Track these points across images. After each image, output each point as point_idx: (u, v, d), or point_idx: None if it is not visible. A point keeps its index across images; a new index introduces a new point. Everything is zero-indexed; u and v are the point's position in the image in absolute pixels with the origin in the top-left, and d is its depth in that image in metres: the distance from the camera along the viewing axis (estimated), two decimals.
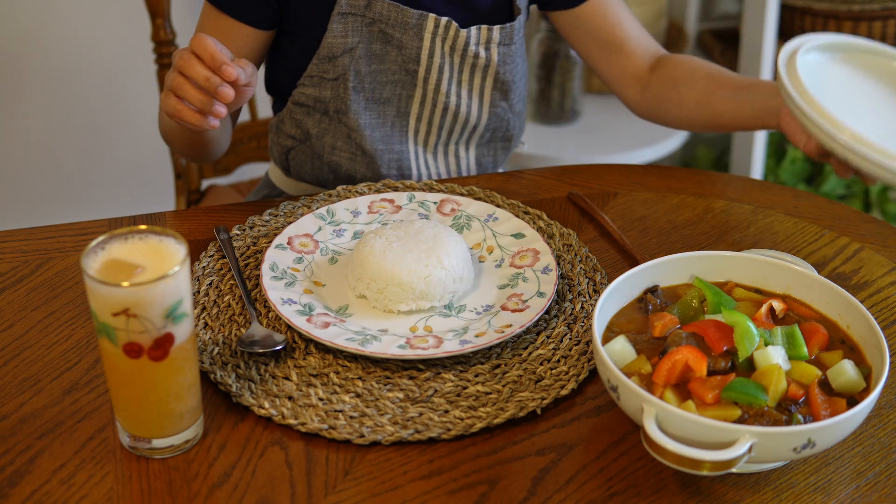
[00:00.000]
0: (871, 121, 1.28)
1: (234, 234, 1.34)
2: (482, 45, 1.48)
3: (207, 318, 1.21)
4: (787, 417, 1.00)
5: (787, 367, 1.05)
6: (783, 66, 1.30)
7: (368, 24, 1.44)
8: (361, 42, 1.44)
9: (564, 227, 1.38)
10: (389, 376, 1.14)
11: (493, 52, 1.49)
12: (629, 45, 1.56)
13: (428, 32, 1.44)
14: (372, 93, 1.48)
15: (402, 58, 1.46)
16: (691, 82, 1.51)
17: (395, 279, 1.21)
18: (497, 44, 1.49)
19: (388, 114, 1.51)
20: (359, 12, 1.43)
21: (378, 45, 1.45)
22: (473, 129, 1.56)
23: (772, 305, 1.13)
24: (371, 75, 1.47)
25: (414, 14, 1.43)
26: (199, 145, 1.42)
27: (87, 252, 0.98)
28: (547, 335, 1.20)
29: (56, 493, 1.00)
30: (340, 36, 1.43)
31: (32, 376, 1.13)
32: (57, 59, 2.38)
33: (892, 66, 1.38)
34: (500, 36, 1.49)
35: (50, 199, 2.53)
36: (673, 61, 1.55)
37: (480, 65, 1.50)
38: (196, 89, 1.20)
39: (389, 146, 1.52)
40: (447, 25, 1.45)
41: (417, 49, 1.46)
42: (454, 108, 1.52)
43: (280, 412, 1.09)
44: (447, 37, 1.45)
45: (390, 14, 1.43)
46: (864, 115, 1.30)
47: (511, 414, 1.09)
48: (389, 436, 1.07)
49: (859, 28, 2.55)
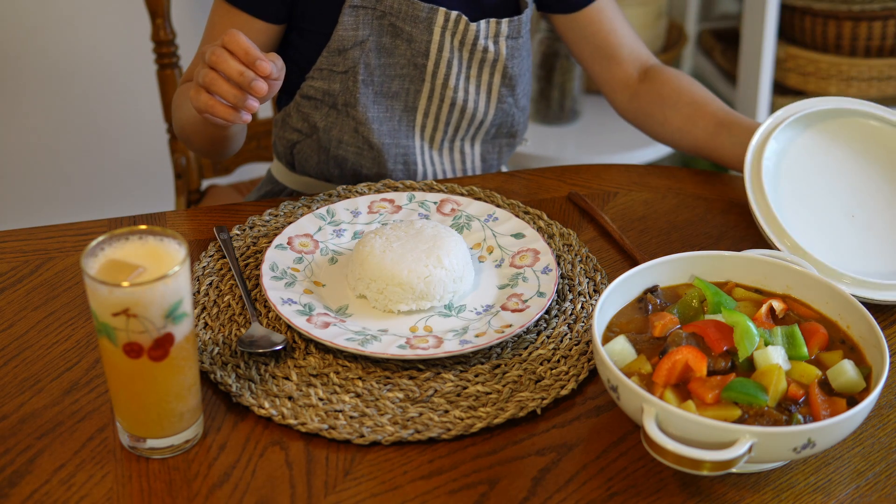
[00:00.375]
0: (824, 215, 1.32)
1: (233, 234, 1.34)
2: (491, 38, 1.49)
3: (207, 318, 1.21)
4: (787, 417, 1.00)
5: (787, 367, 1.05)
6: (750, 155, 1.34)
7: (379, 17, 1.44)
8: (372, 35, 1.45)
9: (564, 227, 1.38)
10: (389, 376, 1.14)
11: (502, 46, 1.50)
12: (621, 52, 1.58)
13: (438, 26, 1.45)
14: (381, 86, 1.49)
15: (412, 51, 1.47)
16: (676, 105, 1.53)
17: (395, 279, 1.21)
18: (505, 37, 1.50)
19: (396, 108, 1.52)
20: (370, 5, 1.43)
21: (388, 38, 1.46)
22: (480, 125, 1.57)
23: (772, 305, 1.13)
24: (380, 69, 1.48)
25: (424, 8, 1.44)
26: (222, 141, 1.43)
27: (87, 252, 0.98)
28: (547, 335, 1.20)
29: (56, 493, 1.00)
30: (351, 29, 1.44)
31: (32, 376, 1.13)
32: (57, 59, 2.38)
33: (870, 125, 1.40)
34: (509, 29, 1.50)
35: (50, 199, 2.53)
36: (662, 77, 1.56)
37: (489, 59, 1.51)
38: (229, 84, 1.21)
39: (396, 140, 1.53)
40: (457, 20, 1.45)
41: (427, 43, 1.46)
42: (461, 103, 1.53)
43: (280, 412, 1.09)
44: (457, 31, 1.46)
45: (401, 7, 1.44)
46: (822, 205, 1.33)
47: (511, 414, 1.09)
48: (389, 436, 1.07)
49: (859, 28, 2.55)
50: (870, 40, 2.57)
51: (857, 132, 1.39)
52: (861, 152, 1.37)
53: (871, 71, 2.58)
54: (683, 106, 1.52)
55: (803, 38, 2.62)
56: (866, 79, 2.59)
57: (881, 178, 1.35)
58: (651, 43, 2.74)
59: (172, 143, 2.03)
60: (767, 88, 2.60)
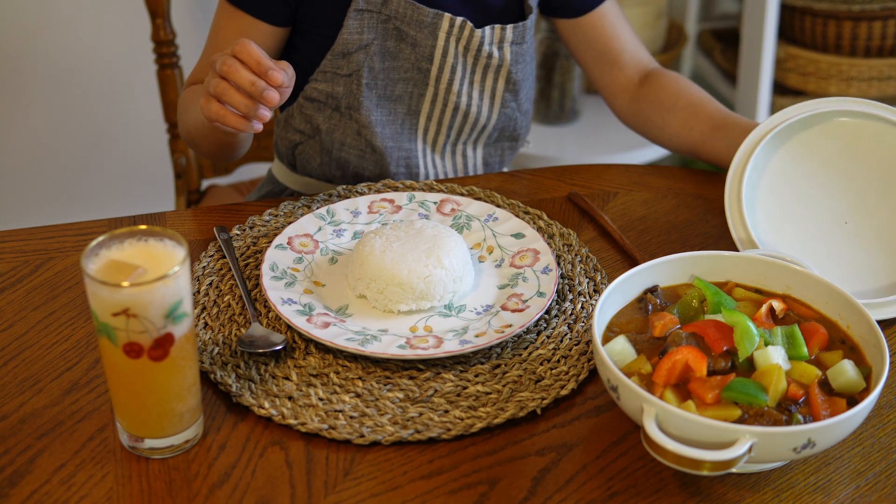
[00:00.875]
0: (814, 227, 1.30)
1: (233, 234, 1.34)
2: (495, 44, 1.49)
3: (207, 318, 1.21)
4: (787, 417, 1.00)
5: (787, 367, 1.05)
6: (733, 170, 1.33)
7: (384, 21, 1.44)
8: (376, 39, 1.45)
9: (564, 227, 1.38)
10: (389, 376, 1.14)
11: (506, 52, 1.50)
12: (622, 57, 1.59)
13: (442, 31, 1.45)
14: (384, 90, 1.49)
15: (416, 56, 1.47)
16: (674, 109, 1.53)
17: (395, 279, 1.21)
18: (510, 43, 1.50)
19: (399, 111, 1.51)
20: (375, 9, 1.43)
21: (392, 42, 1.46)
22: (482, 129, 1.57)
23: (772, 305, 1.13)
24: (384, 72, 1.48)
25: (429, 13, 1.44)
26: (230, 146, 1.44)
27: (87, 252, 0.98)
28: (547, 335, 1.20)
29: (56, 493, 1.00)
30: (356, 32, 1.44)
31: (32, 376, 1.13)
32: (57, 59, 2.38)
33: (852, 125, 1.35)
34: (513, 35, 1.50)
35: (50, 199, 2.53)
36: (661, 80, 1.56)
37: (493, 65, 1.51)
38: (241, 94, 1.21)
39: (399, 143, 1.53)
40: (462, 25, 1.45)
41: (431, 48, 1.46)
42: (465, 108, 1.53)
43: (280, 412, 1.09)
44: (461, 36, 1.46)
45: (406, 11, 1.44)
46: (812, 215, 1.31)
47: (511, 414, 1.09)
48: (389, 436, 1.07)
49: (859, 28, 2.55)
50: (870, 40, 2.57)
51: (841, 133, 1.33)
52: (847, 153, 1.33)
53: (871, 71, 2.58)
54: (681, 110, 1.52)
55: (803, 38, 2.63)
56: (866, 79, 2.59)
57: (872, 178, 1.32)
58: (651, 43, 2.74)
59: (172, 143, 2.03)
60: (767, 88, 2.60)
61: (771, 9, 2.53)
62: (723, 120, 1.48)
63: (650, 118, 1.56)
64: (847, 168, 1.32)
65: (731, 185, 1.32)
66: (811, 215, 1.30)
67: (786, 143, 1.34)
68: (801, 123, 1.34)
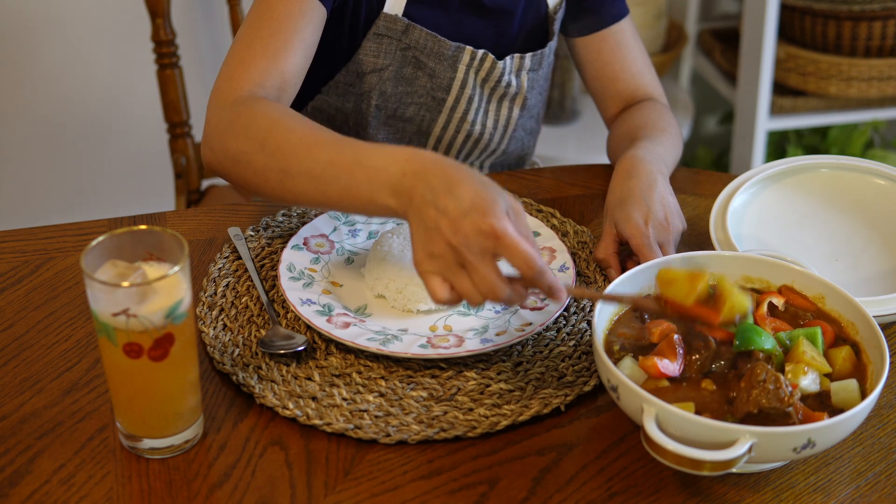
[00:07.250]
0: None
1: (247, 235, 1.34)
2: (514, 73, 1.48)
3: (226, 320, 1.21)
4: (790, 409, 1.00)
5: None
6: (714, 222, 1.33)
7: (403, 49, 1.42)
8: (392, 65, 1.43)
9: (578, 224, 1.38)
10: (412, 375, 1.14)
11: (524, 80, 1.50)
12: (615, 85, 1.55)
13: (463, 64, 1.44)
14: (395, 111, 1.48)
15: (432, 85, 1.46)
16: (622, 138, 1.48)
17: (415, 278, 1.21)
18: (527, 70, 1.49)
19: (408, 130, 1.50)
20: (395, 36, 1.41)
21: (410, 69, 1.44)
22: (492, 153, 1.57)
23: (771, 303, 1.13)
24: (396, 96, 1.46)
25: (451, 46, 1.42)
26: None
27: (87, 252, 0.98)
28: (567, 332, 1.20)
29: (56, 493, 1.00)
30: (372, 55, 1.42)
31: (32, 376, 1.13)
32: (57, 58, 2.38)
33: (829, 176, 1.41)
34: (532, 63, 1.49)
35: (50, 199, 2.53)
36: (629, 114, 1.53)
37: (510, 93, 1.50)
38: None
39: None
40: (483, 58, 1.44)
41: (450, 80, 1.45)
42: (477, 135, 1.52)
43: (305, 413, 1.08)
44: (481, 68, 1.45)
45: (426, 43, 1.42)
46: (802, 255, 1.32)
47: (536, 411, 1.09)
48: (415, 434, 1.07)
49: (859, 28, 2.55)
50: (870, 40, 2.57)
51: (819, 185, 1.40)
52: (830, 201, 1.38)
53: (871, 71, 2.57)
54: (624, 136, 1.48)
55: (803, 38, 2.62)
56: (866, 79, 2.58)
57: (856, 223, 1.35)
58: (651, 43, 2.74)
59: (172, 143, 2.03)
60: (767, 88, 2.60)
61: (771, 9, 2.53)
62: (637, 138, 1.43)
63: (614, 151, 1.52)
64: (830, 216, 1.36)
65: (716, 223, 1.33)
66: (801, 256, 1.30)
67: (768, 188, 1.39)
68: (781, 173, 1.40)
